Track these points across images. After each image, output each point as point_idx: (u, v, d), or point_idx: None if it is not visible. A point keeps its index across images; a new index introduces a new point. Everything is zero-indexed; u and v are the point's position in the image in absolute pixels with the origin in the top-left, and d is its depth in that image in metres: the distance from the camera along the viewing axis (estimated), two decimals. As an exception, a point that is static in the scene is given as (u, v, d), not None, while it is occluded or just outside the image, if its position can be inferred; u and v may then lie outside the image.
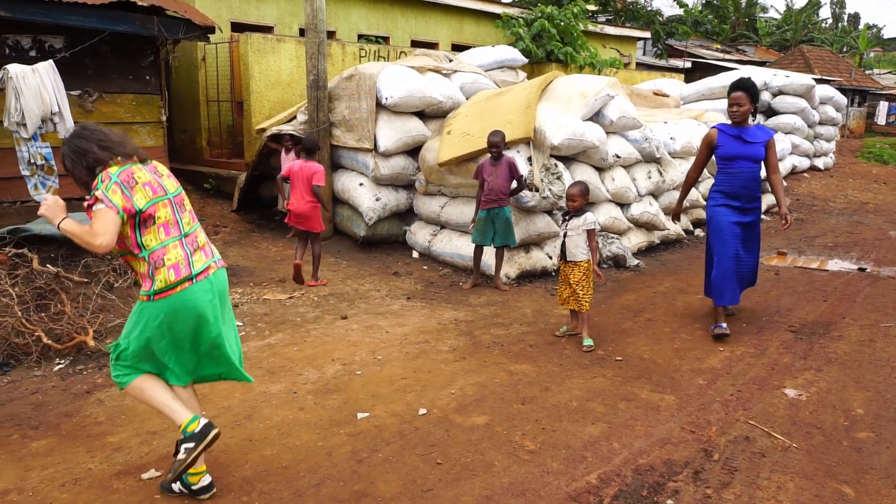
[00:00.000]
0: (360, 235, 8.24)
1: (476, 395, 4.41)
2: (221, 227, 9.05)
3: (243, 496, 3.28)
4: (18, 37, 7.98)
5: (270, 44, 10.56)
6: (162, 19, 8.43)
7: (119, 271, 5.66)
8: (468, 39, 16.14)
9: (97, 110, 8.52)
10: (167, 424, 3.98)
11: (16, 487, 3.37)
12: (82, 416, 4.10)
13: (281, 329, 5.60)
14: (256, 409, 4.16)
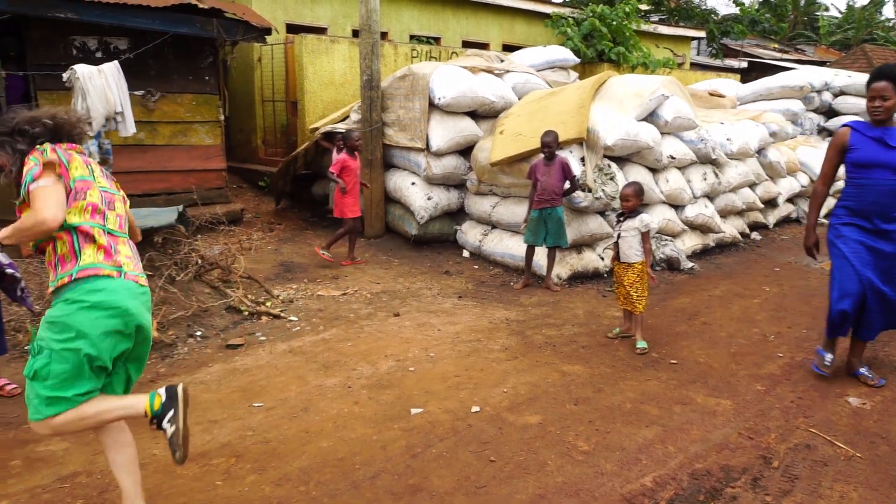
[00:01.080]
0: (412, 234, 8.31)
1: (529, 395, 4.41)
2: (275, 224, 9.23)
3: (301, 486, 3.35)
4: (85, 38, 8.29)
5: (324, 45, 10.73)
6: (221, 21, 8.65)
7: (180, 265, 5.83)
8: (519, 40, 16.10)
9: (158, 109, 8.80)
10: (227, 414, 4.10)
11: (84, 470, 3.51)
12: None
13: (335, 325, 5.69)
14: (312, 402, 4.24)
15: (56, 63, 7.74)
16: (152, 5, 8.04)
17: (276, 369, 4.76)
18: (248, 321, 5.75)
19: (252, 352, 5.12)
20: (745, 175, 9.11)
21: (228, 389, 4.45)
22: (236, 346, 5.20)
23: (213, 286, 6.14)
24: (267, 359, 4.96)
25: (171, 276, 5.65)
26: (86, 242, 2.71)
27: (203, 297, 5.86)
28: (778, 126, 10.16)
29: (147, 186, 8.75)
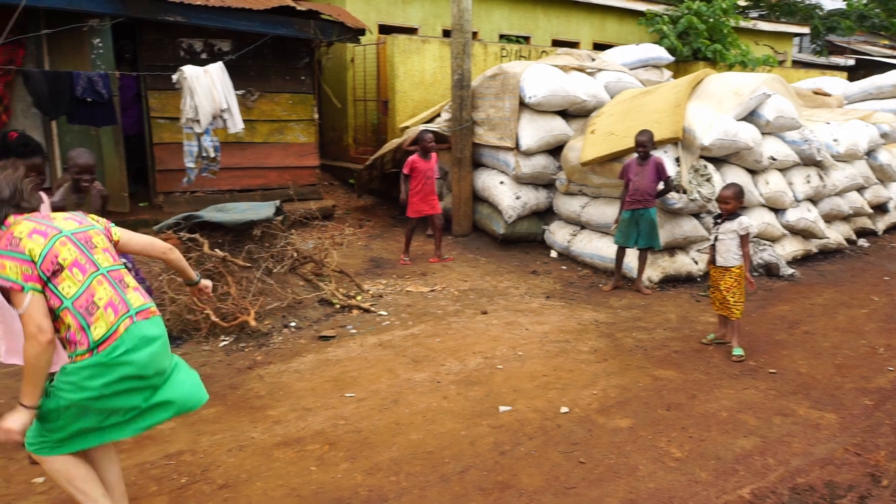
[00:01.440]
0: (499, 233, 8.30)
1: (619, 398, 4.33)
2: (365, 220, 9.43)
3: (392, 476, 3.41)
4: (192, 41, 8.71)
5: (415, 45, 10.86)
6: (318, 23, 8.91)
7: (276, 258, 6.04)
8: (610, 38, 15.80)
9: (257, 108, 9.15)
10: (320, 403, 4.22)
11: (189, 449, 3.69)
12: (245, 390, 4.43)
13: (423, 320, 5.76)
14: (402, 395, 4.31)
15: (165, 64, 8.17)
16: (254, 8, 8.36)
17: (366, 361, 4.86)
18: (339, 314, 5.90)
19: (343, 344, 5.25)
20: (852, 178, 8.63)
21: (321, 379, 4.58)
22: (328, 338, 5.35)
23: (307, 279, 6.33)
24: (358, 351, 5.08)
25: (269, 268, 5.85)
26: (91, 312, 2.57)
27: (297, 289, 6.05)
28: (889, 126, 9.55)
29: (245, 182, 9.11)
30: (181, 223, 5.83)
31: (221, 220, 5.81)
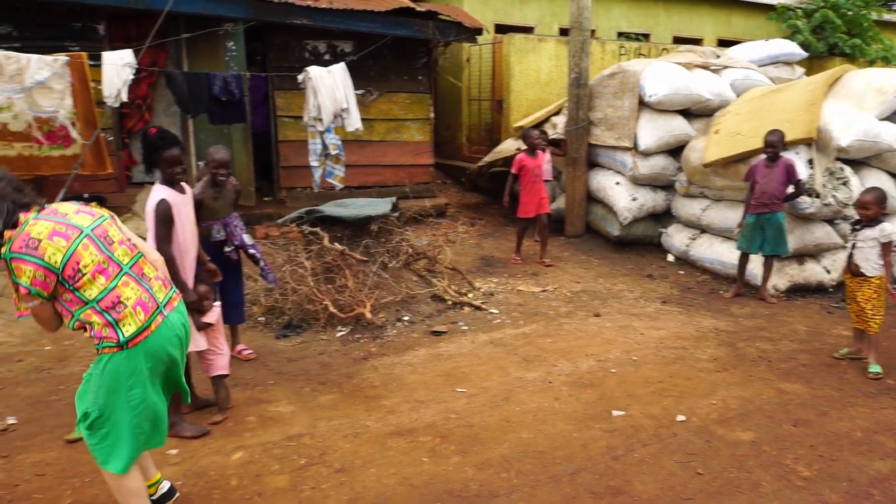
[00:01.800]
0: (614, 235, 8.12)
1: (740, 410, 4.13)
2: (477, 219, 9.48)
3: (502, 472, 3.41)
4: (316, 42, 9.07)
5: (532, 43, 10.81)
6: (436, 23, 9.05)
7: (392, 253, 6.20)
8: (736, 34, 15.08)
9: (375, 107, 9.40)
10: (432, 396, 4.28)
11: (307, 432, 3.85)
12: (360, 379, 4.56)
13: (535, 320, 5.72)
14: (513, 394, 4.30)
15: (292, 65, 8.54)
16: (375, 10, 8.60)
17: (477, 358, 4.89)
18: (451, 310, 5.97)
19: (455, 340, 5.31)
20: None
21: (433, 373, 4.65)
22: (440, 333, 5.42)
23: (420, 275, 6.45)
24: (469, 347, 5.12)
25: (384, 262, 6.01)
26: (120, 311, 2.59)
27: (411, 284, 6.17)
28: None
29: (362, 179, 9.38)
30: (303, 217, 6.09)
31: (341, 215, 6.02)
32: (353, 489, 3.28)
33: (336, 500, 3.20)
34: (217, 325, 4.03)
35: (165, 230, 3.65)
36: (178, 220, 3.70)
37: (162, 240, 3.64)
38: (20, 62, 6.19)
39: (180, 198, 3.76)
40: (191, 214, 3.86)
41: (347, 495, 3.23)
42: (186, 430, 3.82)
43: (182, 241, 3.76)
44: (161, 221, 3.63)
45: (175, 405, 3.84)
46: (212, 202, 4.49)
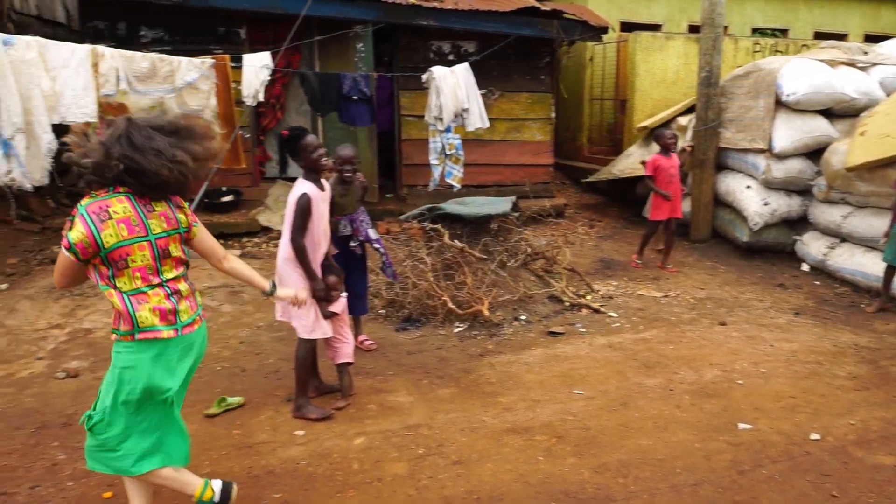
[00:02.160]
0: (742, 241, 7.74)
1: (882, 432, 3.84)
2: (596, 221, 9.33)
3: (619, 477, 3.36)
4: (440, 42, 9.24)
5: (659, 42, 10.50)
6: (561, 22, 8.97)
7: (510, 252, 6.22)
8: (886, 28, 13.97)
9: (496, 106, 9.45)
10: (548, 396, 4.27)
11: (425, 423, 3.94)
12: (477, 375, 4.62)
13: (655, 326, 5.57)
14: (632, 399, 4.21)
15: (416, 65, 8.74)
16: (500, 10, 8.65)
17: (595, 361, 4.83)
18: (568, 312, 5.91)
19: (572, 341, 5.26)
20: None
21: (549, 374, 4.63)
22: (557, 334, 5.39)
23: (538, 275, 6.43)
24: (587, 350, 5.06)
25: (502, 261, 6.04)
26: (139, 305, 2.60)
27: (528, 284, 6.16)
28: None
29: (482, 178, 9.46)
30: (425, 214, 6.22)
31: (461, 213, 6.11)
32: (470, 482, 3.33)
33: (453, 491, 3.26)
34: (342, 314, 4.20)
35: (302, 222, 3.85)
36: (314, 215, 3.89)
37: (297, 230, 3.84)
38: (172, 64, 6.71)
39: (319, 194, 3.95)
40: (326, 210, 4.05)
41: (464, 487, 3.28)
42: (311, 412, 4.01)
43: (315, 234, 3.95)
44: (300, 214, 3.83)
45: (302, 388, 4.05)
46: (339, 198, 4.68)
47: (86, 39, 7.31)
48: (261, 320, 5.70)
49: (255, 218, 8.13)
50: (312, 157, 3.89)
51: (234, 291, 6.29)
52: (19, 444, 3.71)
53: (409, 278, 5.83)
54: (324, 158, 3.94)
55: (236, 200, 8.39)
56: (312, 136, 3.94)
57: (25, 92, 5.56)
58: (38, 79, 5.63)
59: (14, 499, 3.19)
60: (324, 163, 3.95)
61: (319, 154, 3.91)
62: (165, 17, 7.99)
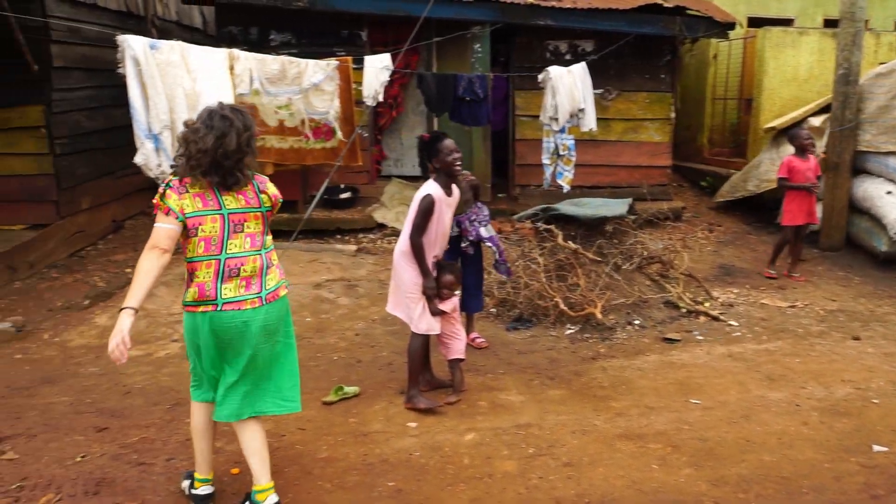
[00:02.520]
0: (881, 251, 7.18)
1: None
2: (715, 225, 8.95)
3: (739, 493, 3.23)
4: (558, 42, 9.14)
5: (791, 37, 9.93)
6: (683, 19, 8.66)
7: (625, 255, 6.08)
8: None
9: (613, 107, 9.26)
10: (663, 404, 4.16)
11: (536, 423, 3.94)
12: (588, 378, 4.56)
13: (780, 337, 5.29)
14: (754, 412, 4.03)
15: (532, 65, 8.69)
16: (620, 8, 8.46)
17: (714, 371, 4.65)
18: (685, 318, 5.72)
19: (689, 349, 5.09)
20: None
21: (664, 381, 4.50)
22: (673, 341, 5.23)
23: (653, 279, 6.26)
24: (704, 359, 4.88)
25: (617, 264, 5.92)
26: (190, 281, 2.87)
27: (643, 288, 6.01)
28: None
29: (595, 179, 9.30)
30: (538, 214, 6.20)
31: (576, 214, 6.03)
32: (581, 485, 3.30)
33: (563, 492, 3.24)
34: (454, 312, 4.26)
35: (422, 221, 3.96)
36: (435, 216, 3.99)
37: (416, 229, 3.95)
38: (300, 66, 7.02)
39: (444, 197, 4.04)
40: (448, 215, 4.13)
41: (574, 490, 3.26)
42: (420, 402, 4.10)
43: (433, 235, 4.04)
44: (421, 213, 3.95)
45: (413, 380, 4.15)
46: None
47: (220, 43, 7.80)
48: (375, 314, 5.87)
49: (370, 215, 8.37)
50: (447, 160, 4.00)
51: (350, 285, 6.52)
52: (157, 418, 4.01)
53: (521, 278, 5.83)
54: (458, 163, 4.03)
55: (353, 197, 8.67)
56: (450, 141, 4.05)
57: (170, 92, 5.99)
58: (181, 79, 6.04)
59: (152, 468, 3.45)
60: (458, 167, 4.05)
61: (454, 158, 4.01)
62: (293, 22, 8.37)
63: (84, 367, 4.84)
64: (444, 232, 4.14)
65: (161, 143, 5.92)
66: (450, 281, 4.17)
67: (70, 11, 7.36)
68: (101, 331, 5.47)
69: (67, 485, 3.26)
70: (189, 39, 7.41)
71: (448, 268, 4.21)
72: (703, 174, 10.68)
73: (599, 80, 8.84)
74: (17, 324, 5.64)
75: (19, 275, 6.58)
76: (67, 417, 4.01)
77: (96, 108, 7.94)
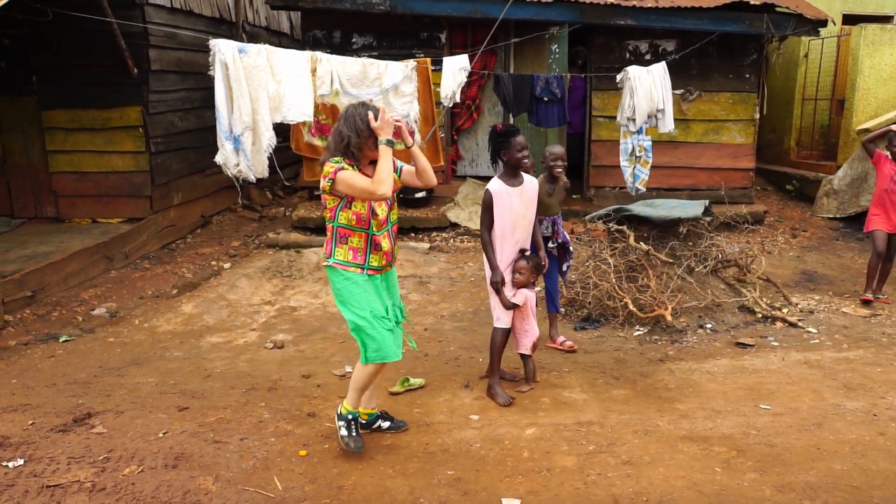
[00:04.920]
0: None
1: None
2: (800, 230, 8.61)
3: (805, 500, 3.14)
4: (637, 42, 9.01)
5: (888, 35, 9.44)
6: (771, 16, 8.38)
7: (699, 258, 5.96)
8: None
9: (694, 107, 9.05)
10: (731, 408, 4.07)
11: (598, 421, 3.94)
12: (654, 380, 4.52)
13: (862, 346, 5.07)
14: (827, 420, 3.89)
15: (611, 66, 8.61)
16: (704, 6, 8.27)
17: (787, 377, 4.51)
18: (760, 324, 5.56)
19: (762, 354, 4.95)
20: None
21: (734, 385, 4.41)
22: (746, 346, 5.10)
23: (728, 283, 6.11)
24: (778, 365, 4.74)
25: (690, 266, 5.81)
26: (340, 242, 3.45)
27: (717, 291, 5.87)
28: None
29: (674, 181, 9.12)
30: (611, 214, 6.16)
31: (649, 215, 5.96)
32: (639, 483, 3.29)
33: (621, 489, 3.24)
34: (525, 307, 4.29)
35: (485, 215, 4.09)
36: (499, 208, 4.06)
37: (482, 223, 4.10)
38: (379, 67, 7.23)
39: (508, 189, 4.10)
40: (516, 205, 4.14)
41: (633, 488, 3.26)
42: (499, 395, 4.18)
43: (506, 227, 4.11)
44: (483, 208, 4.09)
45: (491, 369, 4.24)
46: (546, 197, 4.76)
47: (305, 47, 8.11)
48: (444, 310, 5.98)
49: (444, 214, 8.51)
50: (516, 156, 4.07)
51: (421, 282, 6.65)
52: (233, 401, 4.24)
53: (590, 278, 5.81)
54: (526, 160, 4.10)
55: (428, 197, 8.82)
56: (522, 138, 4.12)
57: (254, 94, 6.30)
58: (265, 82, 6.34)
59: (226, 447, 3.66)
60: (525, 164, 4.13)
61: (523, 155, 4.08)
62: (374, 25, 8.60)
63: (169, 352, 5.16)
64: (517, 222, 4.17)
65: (241, 144, 6.21)
66: (521, 265, 4.21)
67: (167, 18, 7.82)
68: (187, 318, 5.81)
69: (149, 458, 3.50)
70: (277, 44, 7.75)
71: (525, 255, 4.26)
72: (789, 178, 10.29)
73: (681, 79, 8.68)
74: (111, 310, 6.06)
75: (115, 265, 7.05)
76: (152, 397, 4.29)
77: (189, 109, 8.41)
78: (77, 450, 3.56)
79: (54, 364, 4.92)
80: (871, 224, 6.10)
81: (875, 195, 6.15)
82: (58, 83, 7.47)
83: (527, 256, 4.25)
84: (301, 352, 5.15)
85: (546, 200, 4.74)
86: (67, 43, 7.27)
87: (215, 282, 6.67)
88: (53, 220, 7.83)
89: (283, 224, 8.60)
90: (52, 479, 3.27)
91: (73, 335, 5.51)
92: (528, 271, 4.23)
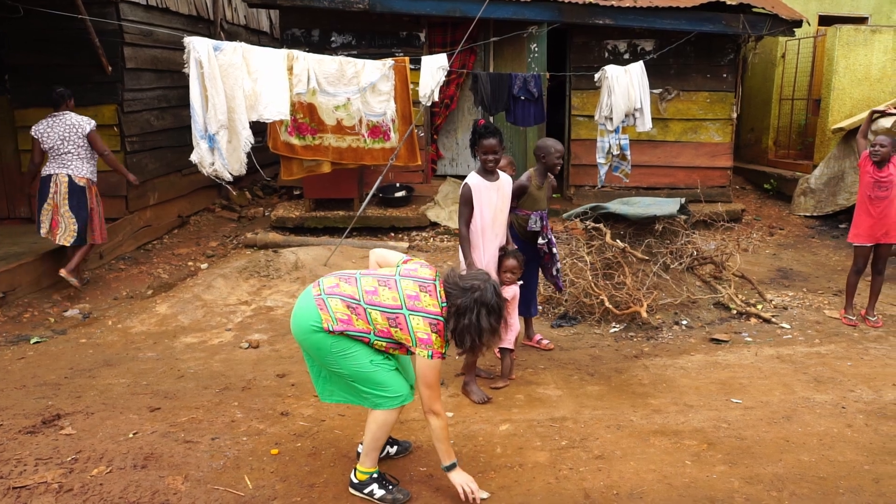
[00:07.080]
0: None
1: None
2: (777, 228, 8.70)
3: (773, 491, 3.17)
4: (616, 42, 9.06)
5: (862, 35, 9.56)
6: (747, 16, 8.46)
7: (675, 255, 5.99)
8: None
9: (672, 106, 9.12)
10: (703, 402, 4.10)
11: (571, 417, 3.95)
12: (629, 376, 4.54)
13: (833, 341, 5.13)
14: (796, 413, 3.94)
15: (590, 65, 8.65)
16: (682, 6, 8.33)
17: (759, 371, 4.55)
18: (734, 320, 5.61)
19: (736, 350, 4.99)
20: None
21: (707, 380, 4.44)
22: (720, 342, 5.14)
23: (704, 280, 6.15)
24: (751, 360, 4.78)
25: (666, 263, 5.84)
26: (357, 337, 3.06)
27: (693, 288, 5.91)
28: None
29: (653, 180, 9.18)
30: (588, 213, 6.17)
31: (625, 213, 5.98)
32: (610, 477, 3.30)
33: (592, 483, 3.26)
34: (512, 300, 4.30)
35: (464, 209, 4.13)
36: (478, 202, 4.07)
37: (460, 217, 4.14)
38: (357, 66, 7.20)
39: (486, 184, 4.11)
40: (495, 199, 4.17)
41: (604, 482, 3.27)
42: (474, 393, 4.18)
43: (481, 221, 4.12)
44: (462, 202, 4.13)
45: (466, 367, 4.25)
46: (536, 191, 4.70)
47: (284, 45, 8.07)
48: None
49: (424, 213, 8.50)
50: (482, 156, 4.12)
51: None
52: (206, 401, 4.20)
53: (567, 276, 5.83)
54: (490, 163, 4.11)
55: (408, 196, 8.82)
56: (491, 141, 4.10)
57: (230, 92, 6.24)
58: (241, 80, 6.29)
59: (197, 446, 3.63)
60: (491, 165, 4.13)
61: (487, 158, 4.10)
62: (353, 23, 8.58)
63: (143, 353, 5.11)
64: (497, 217, 4.20)
65: (216, 143, 6.15)
66: (511, 265, 4.22)
67: (143, 15, 7.76)
68: (161, 319, 5.76)
69: (118, 458, 3.46)
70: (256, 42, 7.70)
71: (512, 253, 4.26)
72: (767, 177, 10.39)
73: (659, 79, 8.75)
74: (84, 311, 6.00)
75: (90, 265, 6.97)
76: (124, 398, 4.25)
77: (165, 107, 8.35)
78: (45, 451, 3.51)
79: (24, 366, 4.85)
80: (854, 238, 5.57)
81: (858, 201, 5.59)
82: (31, 81, 7.37)
83: (511, 254, 4.25)
84: (276, 351, 5.12)
85: (535, 194, 4.68)
86: (41, 41, 7.19)
87: (191, 282, 6.61)
88: (27, 220, 7.73)
89: (261, 224, 8.56)
90: (19, 480, 3.22)
91: (45, 336, 5.45)
92: (518, 270, 4.25)
